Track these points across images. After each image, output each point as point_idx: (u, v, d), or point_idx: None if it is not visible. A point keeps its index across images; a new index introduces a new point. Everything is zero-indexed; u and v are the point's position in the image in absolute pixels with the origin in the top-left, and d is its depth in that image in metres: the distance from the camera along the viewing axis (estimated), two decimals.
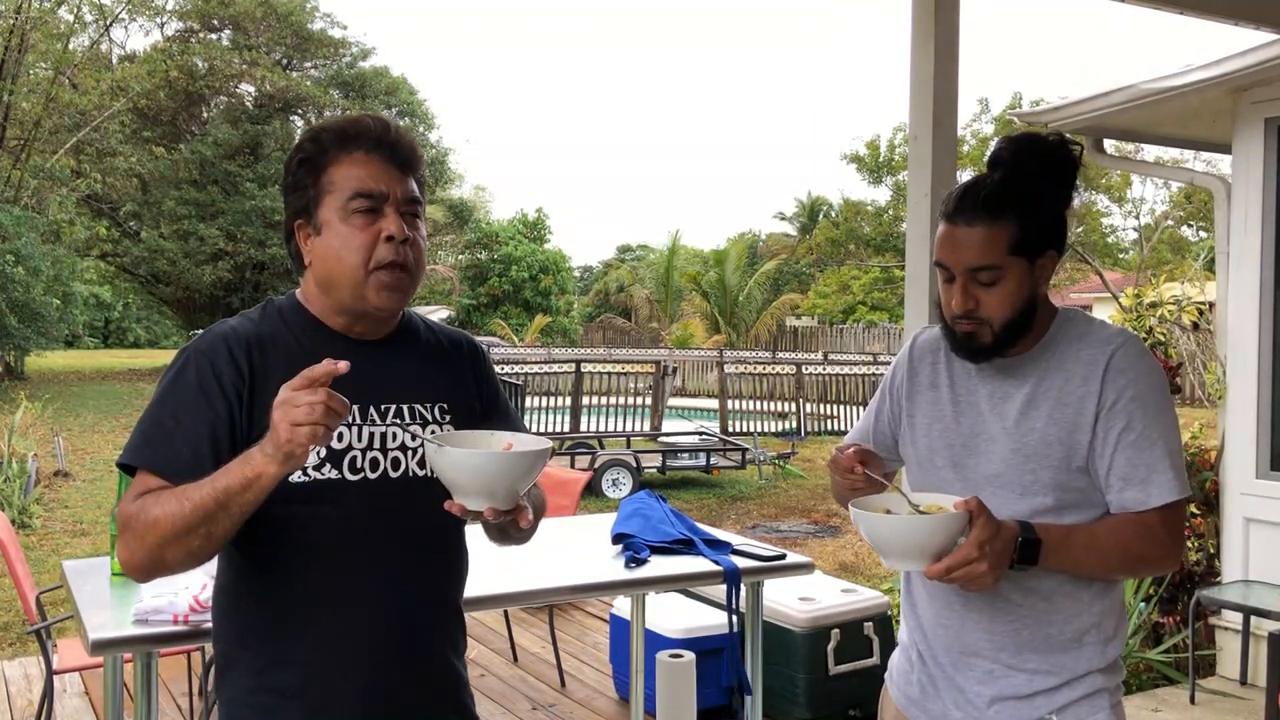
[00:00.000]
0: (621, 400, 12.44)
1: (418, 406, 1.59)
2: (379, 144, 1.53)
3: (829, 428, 15.61)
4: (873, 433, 1.88)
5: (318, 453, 1.49)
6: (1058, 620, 1.65)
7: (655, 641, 3.96)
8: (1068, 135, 1.83)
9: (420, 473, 1.55)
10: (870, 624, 4.18)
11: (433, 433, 1.57)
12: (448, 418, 1.62)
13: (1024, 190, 1.62)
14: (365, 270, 1.50)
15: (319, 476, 1.49)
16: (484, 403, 1.70)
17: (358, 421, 1.53)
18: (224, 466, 1.35)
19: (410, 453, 1.56)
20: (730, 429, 13.91)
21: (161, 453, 1.45)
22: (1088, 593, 1.65)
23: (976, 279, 1.62)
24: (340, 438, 1.51)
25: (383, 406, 1.56)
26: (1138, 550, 1.60)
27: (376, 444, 1.54)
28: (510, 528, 1.51)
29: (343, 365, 1.30)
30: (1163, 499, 1.58)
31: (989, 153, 1.69)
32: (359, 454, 1.52)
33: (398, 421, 1.56)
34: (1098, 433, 1.61)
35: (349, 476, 1.51)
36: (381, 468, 1.54)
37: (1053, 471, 1.62)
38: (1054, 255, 1.66)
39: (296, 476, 1.47)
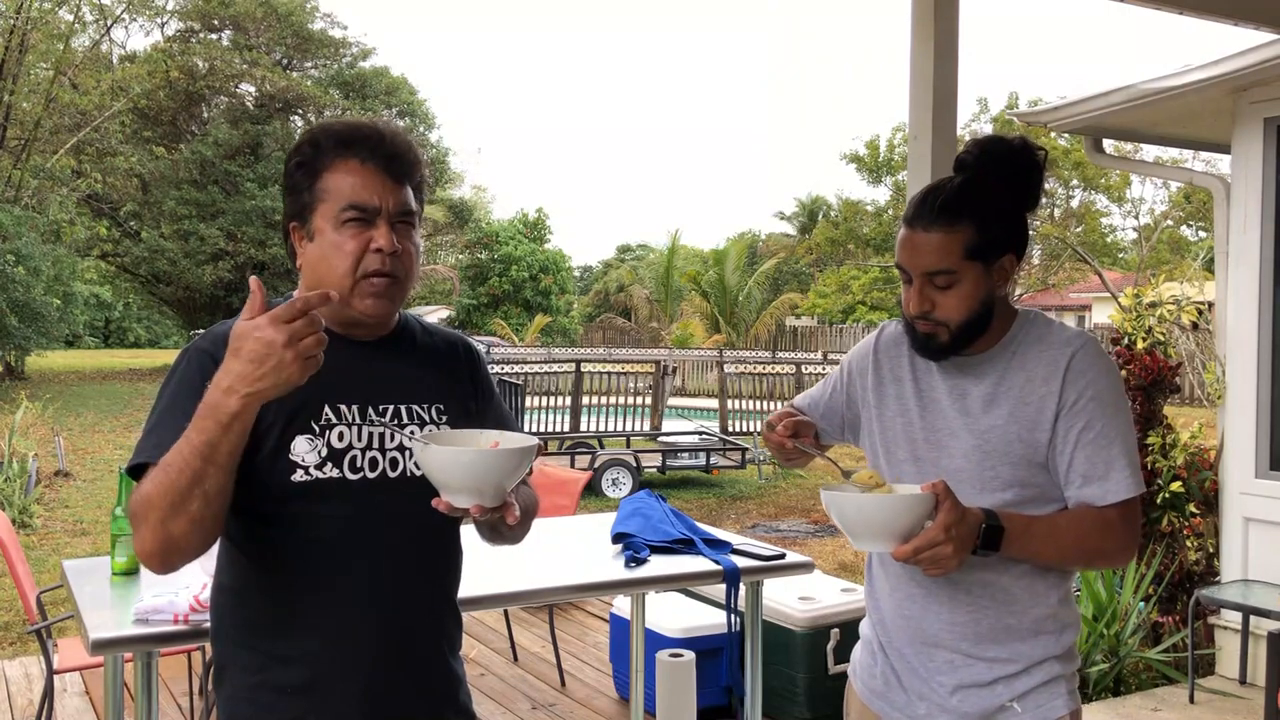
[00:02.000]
0: (621, 400, 12.42)
1: (415, 407, 1.61)
2: (375, 152, 1.52)
3: None
4: (824, 405, 1.94)
5: (319, 452, 1.50)
6: (1016, 610, 1.69)
7: (655, 641, 3.96)
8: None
9: (418, 473, 1.56)
10: None
11: (428, 434, 1.58)
12: (444, 418, 1.63)
13: (981, 195, 1.65)
14: (353, 279, 1.51)
15: (319, 476, 1.50)
16: (479, 403, 1.71)
17: (357, 421, 1.54)
18: (191, 421, 1.33)
19: (408, 452, 1.57)
20: (730, 429, 13.90)
21: (167, 448, 1.44)
22: (1043, 583, 1.70)
23: (933, 282, 1.66)
24: (341, 437, 1.52)
25: (381, 406, 1.57)
26: (1095, 543, 1.65)
27: (375, 444, 1.55)
28: (500, 525, 1.51)
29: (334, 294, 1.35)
30: (1121, 495, 1.63)
31: (957, 155, 1.72)
32: (359, 453, 1.53)
33: (393, 422, 1.57)
34: (1058, 431, 1.65)
35: (349, 476, 1.52)
36: (380, 467, 1.55)
37: (1012, 468, 1.66)
38: (1012, 258, 1.69)
39: (298, 475, 1.48)
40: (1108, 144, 5.62)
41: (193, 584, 2.40)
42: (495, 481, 1.40)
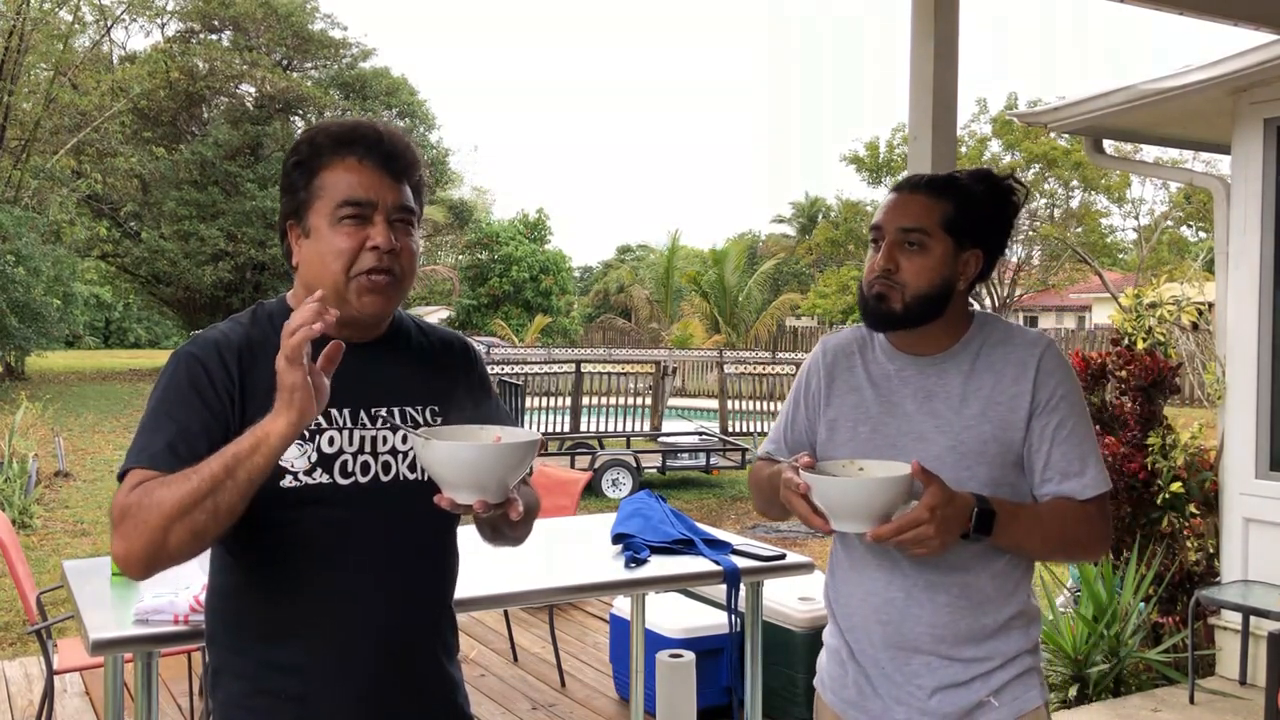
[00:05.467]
0: (621, 400, 12.42)
1: (409, 409, 1.59)
2: (372, 150, 1.51)
3: None
4: (788, 442, 1.89)
5: (308, 457, 1.48)
6: (990, 610, 1.72)
7: (655, 641, 3.96)
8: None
9: (411, 476, 1.55)
10: None
11: (429, 429, 1.57)
12: (439, 420, 1.61)
13: (964, 188, 1.73)
14: (347, 276, 1.49)
15: (310, 481, 1.48)
16: (475, 404, 1.68)
17: (349, 425, 1.52)
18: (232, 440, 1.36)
19: (401, 456, 1.55)
20: (730, 429, 13.90)
21: (158, 452, 1.43)
22: (1012, 582, 1.74)
23: (905, 240, 1.71)
24: (331, 442, 1.51)
25: (373, 410, 1.55)
26: (1074, 533, 1.70)
27: (367, 448, 1.53)
28: (502, 523, 1.50)
29: (332, 315, 1.33)
30: (1098, 489, 1.70)
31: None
32: (350, 458, 1.52)
33: (390, 423, 1.55)
34: (1033, 429, 1.69)
35: (340, 481, 1.50)
36: (372, 471, 1.53)
37: (988, 469, 1.68)
38: (979, 257, 1.74)
39: (288, 481, 1.46)
40: (1108, 144, 5.62)
41: (193, 584, 2.40)
42: (498, 476, 1.40)
